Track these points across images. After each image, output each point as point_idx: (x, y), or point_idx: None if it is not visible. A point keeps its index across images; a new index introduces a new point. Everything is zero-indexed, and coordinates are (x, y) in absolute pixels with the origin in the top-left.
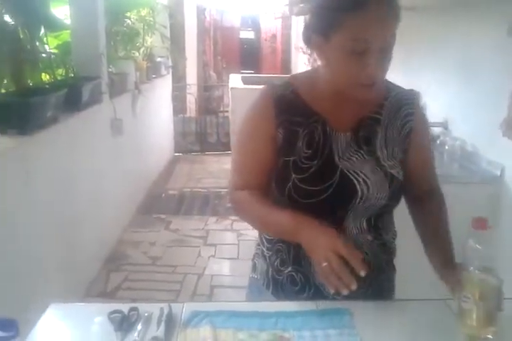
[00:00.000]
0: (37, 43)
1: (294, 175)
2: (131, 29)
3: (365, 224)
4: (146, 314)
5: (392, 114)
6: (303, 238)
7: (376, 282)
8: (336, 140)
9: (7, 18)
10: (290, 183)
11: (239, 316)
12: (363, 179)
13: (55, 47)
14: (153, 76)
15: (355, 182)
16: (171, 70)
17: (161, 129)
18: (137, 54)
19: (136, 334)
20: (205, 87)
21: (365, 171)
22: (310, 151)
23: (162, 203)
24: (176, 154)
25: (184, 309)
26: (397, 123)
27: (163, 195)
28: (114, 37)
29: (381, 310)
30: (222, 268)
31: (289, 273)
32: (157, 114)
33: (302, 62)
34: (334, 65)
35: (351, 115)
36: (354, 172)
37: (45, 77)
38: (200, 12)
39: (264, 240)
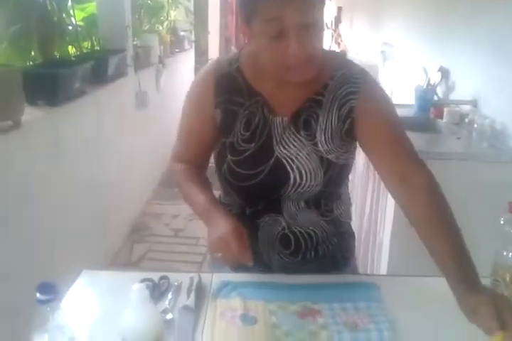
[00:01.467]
0: (64, 16)
1: (229, 157)
2: (156, 2)
3: (303, 204)
4: (176, 283)
5: (334, 94)
6: (207, 224)
7: (329, 254)
8: (274, 124)
9: None
10: (225, 165)
11: (268, 288)
12: (297, 166)
13: (82, 20)
14: (177, 50)
15: (289, 169)
16: (193, 44)
17: None
18: (161, 28)
19: (166, 302)
20: None
21: (300, 158)
22: (248, 133)
23: None
24: None
25: (213, 279)
26: (337, 102)
27: None
28: (139, 10)
29: (408, 285)
30: None
31: None
32: (180, 88)
33: (327, 37)
34: (259, 52)
35: (293, 97)
36: (290, 158)
37: (71, 49)
38: None
39: None
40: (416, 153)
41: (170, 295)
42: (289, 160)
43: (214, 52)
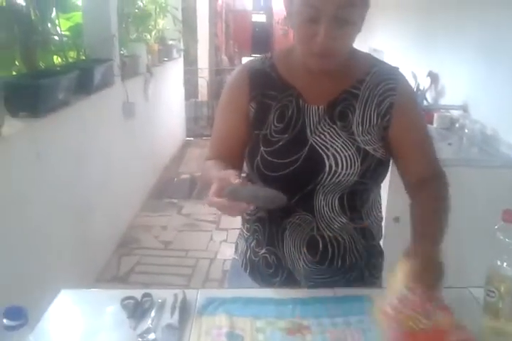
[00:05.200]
0: (49, 25)
1: (262, 148)
2: (143, 11)
3: (337, 202)
4: (159, 300)
5: (372, 89)
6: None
7: (356, 268)
8: (309, 113)
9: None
10: (258, 157)
11: (255, 303)
12: (333, 153)
13: (67, 29)
14: (165, 59)
15: (324, 156)
16: (182, 53)
17: (173, 113)
18: (149, 36)
19: (149, 321)
20: (217, 71)
21: (336, 146)
22: (281, 125)
23: (174, 187)
24: (188, 138)
25: (198, 295)
26: (376, 98)
27: (175, 179)
28: (125, 19)
29: None
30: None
31: (263, 254)
32: (169, 98)
33: None
34: (295, 34)
35: (327, 89)
36: (324, 146)
37: (56, 59)
38: None
39: (244, 220)
40: (438, 160)
41: (153, 314)
42: (323, 148)
43: (203, 60)
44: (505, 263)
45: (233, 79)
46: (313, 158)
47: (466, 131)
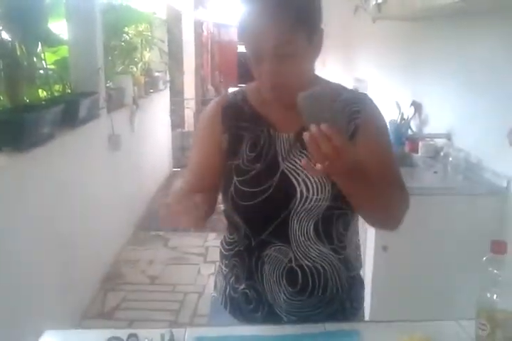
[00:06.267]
0: (34, 59)
1: (235, 178)
2: (129, 44)
3: (312, 230)
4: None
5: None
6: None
7: (338, 300)
8: (280, 142)
9: (4, 34)
10: (232, 187)
11: None
12: (303, 179)
13: (53, 63)
14: (151, 90)
15: (295, 182)
16: (168, 85)
17: (159, 144)
18: (135, 69)
19: None
20: (203, 101)
21: (307, 172)
22: (253, 154)
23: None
24: (175, 169)
25: (186, 335)
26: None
27: None
28: (112, 52)
29: (392, 331)
30: None
31: (242, 290)
32: (155, 129)
33: None
34: (251, 68)
35: (297, 117)
36: (295, 172)
37: (42, 93)
38: (198, 26)
39: (222, 256)
40: (403, 183)
41: None
42: (294, 174)
43: (190, 91)
44: (495, 296)
45: (206, 113)
46: (284, 184)
47: (451, 159)
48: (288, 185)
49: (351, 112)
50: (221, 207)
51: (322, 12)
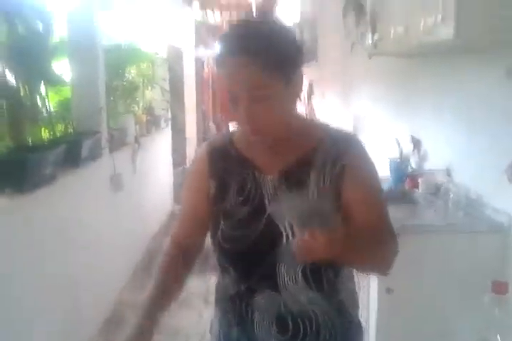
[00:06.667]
0: (37, 99)
1: (222, 223)
2: (131, 83)
3: (300, 275)
4: None
5: (326, 155)
6: None
7: None
8: (265, 184)
9: (7, 74)
10: (219, 231)
11: None
12: (289, 223)
13: (56, 103)
14: (153, 129)
15: (281, 226)
16: (170, 123)
17: (161, 182)
18: (137, 108)
19: None
20: (204, 139)
21: None
22: (241, 198)
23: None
24: (177, 206)
25: None
26: (329, 163)
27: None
28: (113, 92)
29: None
30: None
31: (235, 336)
32: (157, 167)
33: (300, 110)
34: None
35: (280, 159)
36: (281, 216)
37: (44, 132)
38: (199, 64)
39: (215, 299)
40: (390, 224)
41: None
42: (280, 217)
43: (191, 129)
44: (498, 336)
45: (194, 159)
46: (270, 228)
47: (452, 195)
48: (274, 228)
49: (339, 152)
50: None
51: (302, 54)
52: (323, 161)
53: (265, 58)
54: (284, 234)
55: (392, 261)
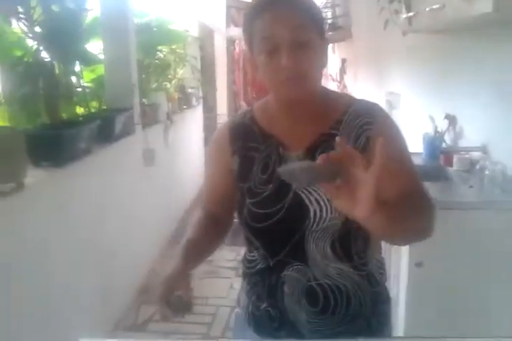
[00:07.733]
0: (72, 78)
1: (248, 200)
2: (163, 61)
3: (329, 249)
4: None
5: (351, 128)
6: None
7: (362, 316)
8: (290, 160)
9: (44, 54)
10: (245, 209)
11: None
12: (316, 198)
13: (90, 81)
14: (185, 107)
15: (307, 201)
16: (201, 101)
17: (192, 158)
18: (169, 85)
19: None
20: None
21: (319, 190)
22: (265, 176)
23: None
24: None
25: None
26: (353, 135)
27: None
28: (146, 70)
29: None
30: None
31: (265, 308)
32: (189, 144)
33: (333, 88)
34: (261, 71)
35: (305, 134)
36: (307, 191)
37: (79, 109)
38: (230, 43)
39: (243, 273)
40: (422, 186)
41: None
42: (306, 193)
43: (222, 107)
44: None
45: (214, 136)
46: (297, 204)
47: (487, 172)
48: (301, 204)
49: (362, 123)
50: None
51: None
52: (348, 135)
53: (307, 4)
54: (311, 209)
55: (432, 223)
